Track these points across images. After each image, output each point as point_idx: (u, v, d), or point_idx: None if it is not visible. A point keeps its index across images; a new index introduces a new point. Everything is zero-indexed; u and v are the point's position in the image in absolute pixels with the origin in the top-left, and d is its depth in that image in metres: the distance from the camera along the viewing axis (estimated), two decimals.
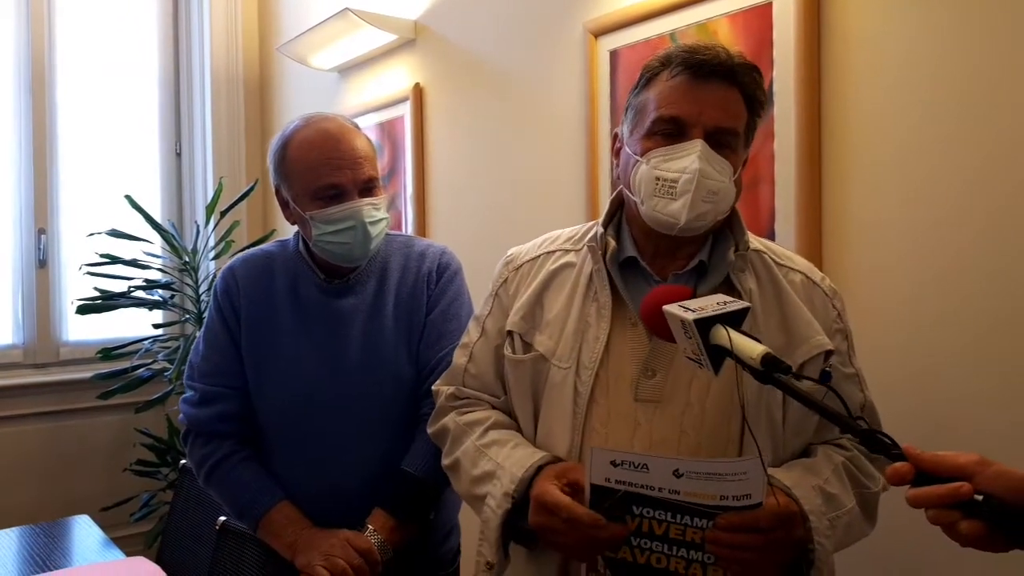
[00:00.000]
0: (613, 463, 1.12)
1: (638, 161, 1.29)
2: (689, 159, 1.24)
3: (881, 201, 1.69)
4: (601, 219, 1.41)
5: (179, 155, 4.24)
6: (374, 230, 1.68)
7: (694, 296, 1.17)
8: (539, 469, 1.26)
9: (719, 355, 1.08)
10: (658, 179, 1.26)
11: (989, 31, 1.53)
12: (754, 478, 1.09)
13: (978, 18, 1.54)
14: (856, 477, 1.29)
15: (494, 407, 1.46)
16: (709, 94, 1.26)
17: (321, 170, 1.65)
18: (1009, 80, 1.50)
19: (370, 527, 1.63)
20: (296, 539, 1.63)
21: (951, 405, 1.59)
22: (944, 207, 1.60)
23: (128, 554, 2.28)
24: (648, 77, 1.32)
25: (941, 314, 1.61)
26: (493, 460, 1.33)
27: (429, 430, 1.53)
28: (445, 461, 1.46)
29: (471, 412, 1.45)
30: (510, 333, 1.41)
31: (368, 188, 1.68)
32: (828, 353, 1.29)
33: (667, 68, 1.29)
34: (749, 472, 1.09)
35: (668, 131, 1.27)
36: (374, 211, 1.68)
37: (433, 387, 1.54)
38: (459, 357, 1.51)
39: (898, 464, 0.90)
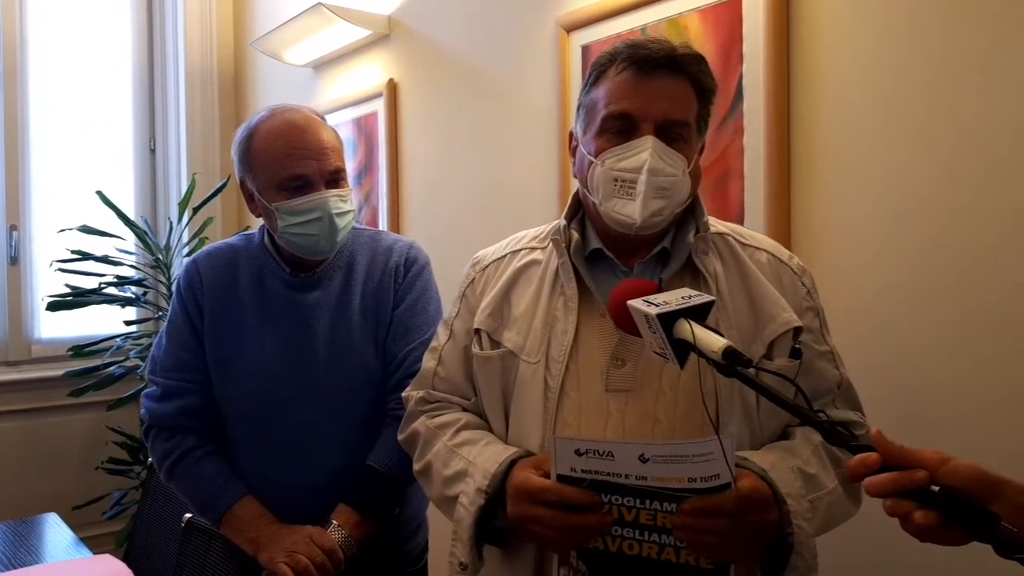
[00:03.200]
0: (578, 452, 1.11)
1: (592, 162, 1.28)
2: (641, 157, 1.24)
3: (850, 195, 1.70)
4: (564, 214, 1.40)
5: (153, 151, 4.21)
6: (341, 222, 1.66)
7: (660, 289, 1.16)
8: (512, 464, 1.24)
9: (684, 349, 1.08)
10: (616, 180, 1.25)
11: (956, 26, 1.54)
12: (720, 457, 1.07)
13: (946, 13, 1.55)
14: (837, 457, 1.28)
15: (465, 409, 1.44)
16: (656, 87, 1.25)
17: (287, 160, 1.63)
18: (976, 75, 1.51)
19: (334, 522, 1.62)
20: (259, 535, 1.61)
21: (920, 398, 1.60)
22: (913, 201, 1.61)
23: (97, 553, 2.25)
24: (596, 75, 1.31)
25: (910, 308, 1.62)
26: (465, 459, 1.31)
27: (399, 437, 1.50)
28: (416, 466, 1.43)
29: (441, 415, 1.43)
30: (477, 331, 1.40)
31: (334, 179, 1.67)
32: (797, 330, 1.29)
33: (613, 64, 1.29)
34: (715, 452, 1.07)
35: (618, 128, 1.26)
36: (341, 203, 1.66)
37: (403, 394, 1.52)
38: (428, 361, 1.49)
39: (865, 454, 0.90)
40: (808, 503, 1.17)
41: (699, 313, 1.09)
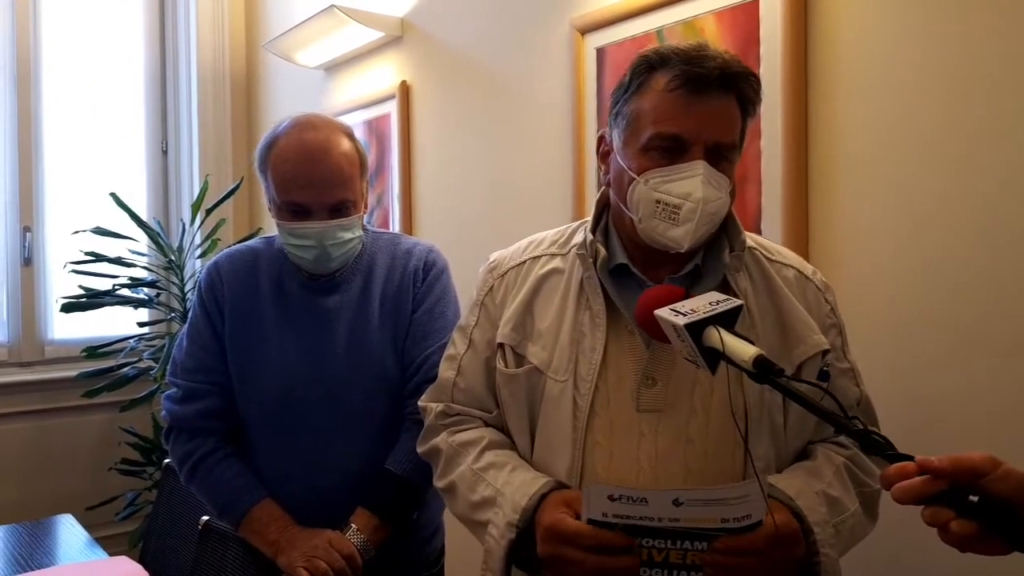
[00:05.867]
0: (611, 498, 1.09)
1: (635, 179, 1.22)
2: (692, 184, 1.18)
3: (868, 199, 1.69)
4: (588, 224, 1.36)
5: (165, 153, 4.22)
6: (336, 251, 1.67)
7: (687, 295, 1.15)
8: (542, 498, 1.21)
9: (714, 356, 1.07)
10: (659, 202, 1.20)
11: (974, 29, 1.53)
12: (755, 498, 1.07)
13: (963, 15, 1.54)
14: (857, 476, 1.27)
15: (486, 423, 1.41)
16: (708, 108, 1.20)
17: (290, 186, 1.63)
18: (996, 78, 1.50)
19: (353, 526, 1.62)
20: (279, 537, 1.62)
21: (938, 403, 1.59)
22: (931, 205, 1.60)
23: (112, 554, 2.26)
24: (640, 82, 1.24)
25: (927, 312, 1.61)
26: (492, 485, 1.28)
27: (419, 449, 1.48)
28: (439, 483, 1.40)
29: (463, 431, 1.40)
30: (501, 346, 1.36)
31: (338, 208, 1.65)
32: (825, 352, 1.27)
33: (660, 72, 1.22)
34: (751, 494, 1.07)
35: (666, 147, 1.21)
36: (340, 232, 1.66)
37: (420, 403, 1.50)
38: (446, 371, 1.45)
39: (903, 464, 0.88)
40: (833, 528, 1.17)
41: (728, 319, 1.08)
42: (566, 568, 1.14)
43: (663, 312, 1.10)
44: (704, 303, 1.10)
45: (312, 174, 1.62)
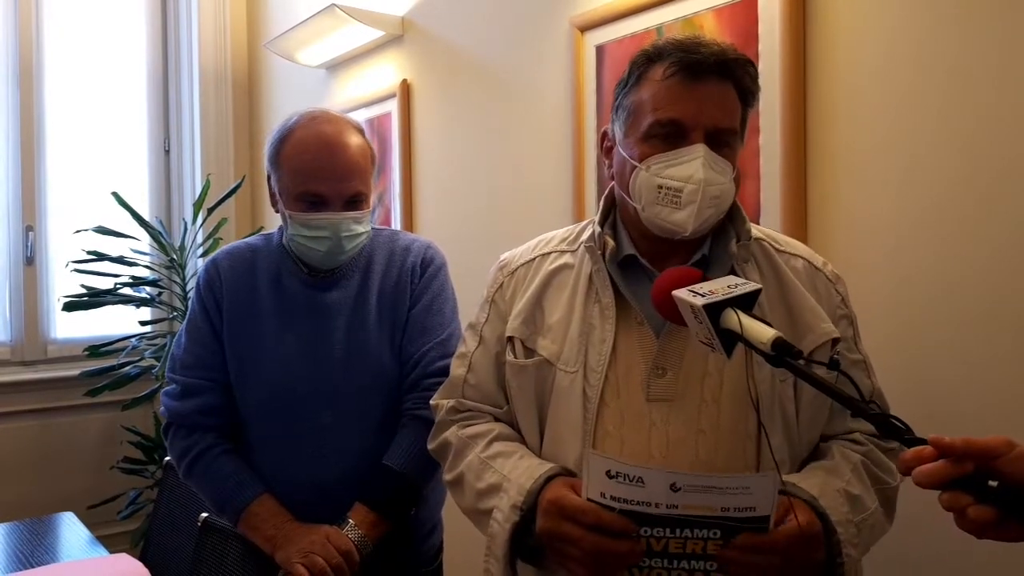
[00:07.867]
0: (609, 473, 1.08)
1: (636, 167, 1.24)
2: (693, 166, 1.20)
3: (866, 196, 1.69)
4: (596, 218, 1.37)
5: (167, 152, 4.23)
6: (348, 244, 1.67)
7: (704, 278, 1.15)
8: (548, 480, 1.21)
9: (730, 339, 1.06)
10: (660, 187, 1.22)
11: (972, 25, 1.53)
12: (758, 492, 1.05)
13: (961, 11, 1.54)
14: (875, 474, 1.26)
15: (497, 419, 1.41)
16: (706, 93, 1.22)
17: (308, 176, 1.64)
18: (993, 71, 1.50)
19: (351, 521, 1.62)
20: (276, 533, 1.61)
21: (939, 397, 1.59)
22: (929, 199, 1.60)
23: (113, 552, 2.27)
24: (638, 74, 1.27)
25: (927, 306, 1.61)
26: (499, 472, 1.28)
27: (430, 446, 1.48)
28: (447, 476, 1.40)
29: (473, 425, 1.40)
30: (510, 339, 1.37)
31: (353, 201, 1.66)
32: (835, 341, 1.27)
33: (658, 63, 1.24)
34: (752, 487, 1.05)
35: (666, 134, 1.23)
36: (354, 224, 1.66)
37: (432, 401, 1.50)
38: (457, 368, 1.45)
39: (920, 448, 0.87)
40: (855, 527, 1.16)
41: (745, 302, 1.08)
42: (563, 546, 1.14)
43: (681, 293, 1.09)
44: (722, 286, 1.10)
45: (332, 165, 1.63)
